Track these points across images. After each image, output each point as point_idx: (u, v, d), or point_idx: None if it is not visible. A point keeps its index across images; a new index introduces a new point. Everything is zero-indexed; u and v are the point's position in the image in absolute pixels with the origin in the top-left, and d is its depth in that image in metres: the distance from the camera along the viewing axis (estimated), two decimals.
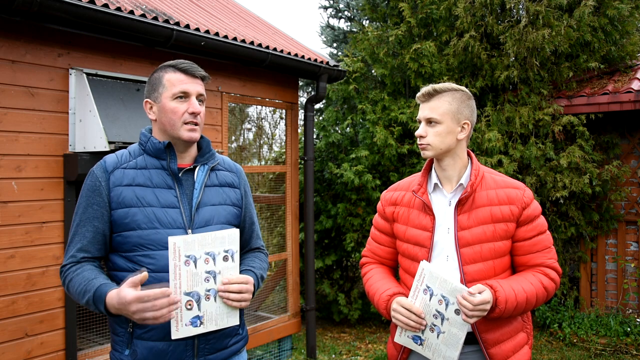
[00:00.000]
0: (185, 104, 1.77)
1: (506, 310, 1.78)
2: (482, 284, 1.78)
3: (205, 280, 1.67)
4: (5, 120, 3.13)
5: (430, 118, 1.90)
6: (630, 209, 5.88)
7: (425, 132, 1.91)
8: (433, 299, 1.76)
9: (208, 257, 1.67)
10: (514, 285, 1.82)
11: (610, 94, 5.48)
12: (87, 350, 3.56)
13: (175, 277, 1.63)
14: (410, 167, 5.98)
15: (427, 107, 1.92)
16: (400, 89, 6.43)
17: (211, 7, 5.11)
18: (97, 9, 3.20)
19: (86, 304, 1.66)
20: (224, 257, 1.70)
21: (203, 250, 1.66)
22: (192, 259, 1.65)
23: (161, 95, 1.78)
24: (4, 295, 3.11)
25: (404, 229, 1.99)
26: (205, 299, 1.68)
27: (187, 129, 1.76)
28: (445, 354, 1.79)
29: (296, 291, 5.22)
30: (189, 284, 1.65)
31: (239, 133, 5.56)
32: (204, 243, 1.67)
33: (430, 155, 1.93)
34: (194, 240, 1.65)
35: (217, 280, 1.69)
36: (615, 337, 5.35)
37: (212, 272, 1.69)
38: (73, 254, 1.73)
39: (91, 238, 1.72)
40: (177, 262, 1.63)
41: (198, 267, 1.66)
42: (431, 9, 6.09)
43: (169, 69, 1.80)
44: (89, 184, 1.76)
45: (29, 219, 3.22)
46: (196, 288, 1.66)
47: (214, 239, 1.69)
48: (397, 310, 1.83)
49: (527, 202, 1.91)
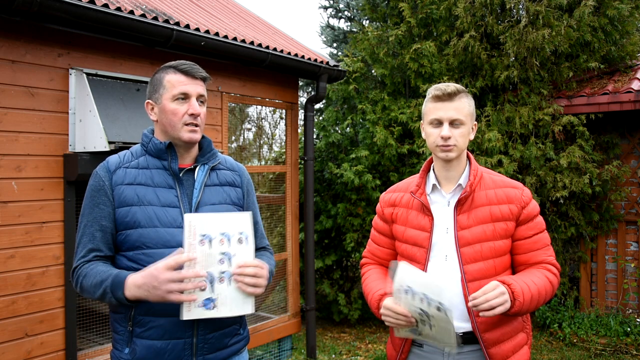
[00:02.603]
0: (186, 105, 1.77)
1: (524, 303, 1.76)
2: (494, 280, 1.77)
3: (220, 262, 1.63)
4: (5, 120, 3.13)
5: (456, 119, 1.86)
6: (630, 209, 5.88)
7: (451, 133, 1.86)
8: (415, 298, 1.75)
9: (223, 237, 1.64)
10: (525, 280, 1.82)
11: (610, 94, 5.48)
12: (87, 350, 3.57)
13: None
14: (410, 167, 5.98)
15: (451, 107, 1.86)
16: (400, 89, 6.43)
17: (211, 7, 5.11)
18: (97, 9, 3.21)
19: (102, 294, 1.65)
20: (239, 239, 1.66)
21: (218, 231, 1.63)
22: (207, 239, 1.62)
23: (162, 97, 1.79)
24: (4, 295, 3.11)
25: (403, 229, 1.99)
26: (220, 281, 1.63)
27: (187, 130, 1.77)
28: (442, 340, 1.80)
29: (296, 291, 5.22)
30: (203, 264, 1.61)
31: (239, 133, 5.56)
32: (220, 223, 1.64)
33: (454, 157, 1.90)
34: (210, 219, 1.63)
35: (232, 263, 1.65)
36: (615, 337, 5.35)
37: (227, 254, 1.64)
38: (84, 254, 1.73)
39: (101, 237, 1.73)
40: (192, 240, 1.59)
41: (213, 247, 1.62)
42: (431, 9, 6.09)
43: (169, 70, 1.81)
44: (93, 184, 1.77)
45: (29, 219, 3.23)
46: (210, 269, 1.62)
47: (228, 219, 1.66)
48: (385, 313, 1.83)
49: (526, 201, 1.92)
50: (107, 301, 1.68)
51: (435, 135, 1.89)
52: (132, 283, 1.60)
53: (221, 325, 1.79)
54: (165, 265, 1.56)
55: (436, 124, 1.89)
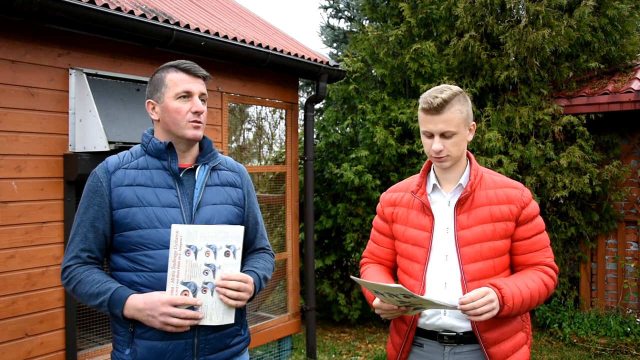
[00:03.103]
0: (189, 104, 1.78)
1: (514, 307, 1.78)
2: (485, 285, 1.79)
3: (204, 273, 1.68)
4: (5, 120, 3.13)
5: (446, 132, 1.83)
6: (630, 209, 5.88)
7: (443, 145, 1.85)
8: (199, 254, 1.73)
9: (209, 249, 1.68)
10: (517, 283, 1.83)
11: (610, 94, 5.48)
12: (87, 350, 3.57)
13: (174, 265, 1.64)
14: (410, 167, 5.98)
15: (439, 120, 1.82)
16: (400, 89, 6.43)
17: (211, 7, 5.11)
18: (97, 9, 3.21)
19: (98, 305, 1.68)
20: (226, 252, 1.70)
21: (205, 242, 1.67)
22: (193, 250, 1.66)
23: (164, 95, 1.79)
24: (4, 295, 3.11)
25: (403, 229, 1.99)
26: (202, 291, 1.68)
27: (191, 127, 1.78)
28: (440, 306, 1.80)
29: (296, 291, 5.22)
30: (187, 274, 1.66)
31: (239, 133, 5.56)
32: (207, 235, 1.68)
33: (449, 166, 1.90)
34: (197, 231, 1.66)
35: (216, 275, 1.69)
36: (615, 337, 5.35)
37: (211, 266, 1.69)
38: (77, 254, 1.74)
39: (93, 239, 1.74)
40: (178, 250, 1.64)
41: (198, 259, 1.67)
42: (431, 9, 6.09)
43: (170, 69, 1.81)
44: (90, 184, 1.77)
45: (29, 219, 3.23)
46: (194, 279, 1.67)
47: (217, 232, 1.69)
48: (377, 312, 1.89)
49: (526, 202, 1.92)
50: (100, 311, 1.71)
51: (428, 146, 1.89)
52: (133, 305, 1.64)
53: (222, 326, 1.79)
54: (169, 300, 1.63)
55: (428, 135, 1.89)
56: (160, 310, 1.61)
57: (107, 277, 1.72)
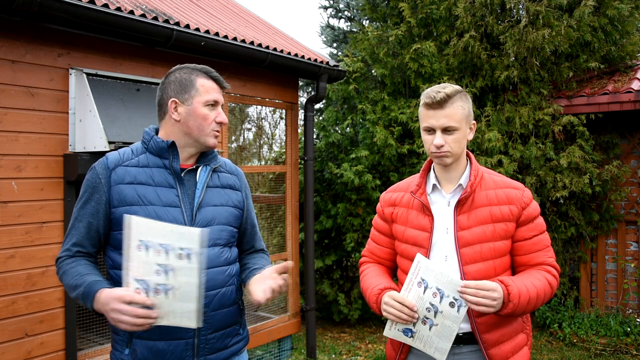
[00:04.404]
0: (214, 112, 1.81)
1: (519, 305, 1.75)
2: (493, 280, 1.77)
3: (156, 273, 1.58)
4: (5, 120, 3.13)
5: (448, 127, 1.84)
6: (630, 209, 5.88)
7: (444, 141, 1.85)
8: (427, 291, 1.74)
9: (161, 249, 1.58)
10: (524, 281, 1.82)
11: (610, 94, 5.48)
12: (87, 350, 3.57)
13: (126, 259, 1.57)
14: (410, 167, 5.98)
15: (442, 115, 1.83)
16: (400, 89, 6.43)
17: (211, 7, 5.11)
18: (97, 9, 3.21)
19: (77, 297, 1.69)
20: (179, 254, 1.60)
21: (157, 241, 1.58)
22: (144, 245, 1.57)
23: (193, 99, 1.78)
24: (4, 295, 3.11)
25: (403, 229, 1.99)
26: (155, 292, 1.59)
27: (212, 135, 1.81)
28: (438, 346, 1.78)
29: (296, 291, 5.22)
30: (139, 271, 1.57)
31: (239, 133, 5.56)
32: (159, 233, 1.58)
33: (450, 163, 1.90)
34: (150, 227, 1.58)
35: (170, 278, 1.60)
36: (615, 337, 5.35)
37: (163, 266, 1.59)
38: (68, 247, 1.76)
39: (85, 234, 1.75)
40: (129, 242, 1.56)
41: (150, 256, 1.58)
42: (431, 9, 6.09)
43: (200, 74, 1.81)
44: (89, 179, 1.77)
45: (29, 219, 3.23)
46: (146, 277, 1.58)
47: (170, 231, 1.60)
48: (389, 304, 1.80)
49: (526, 202, 1.91)
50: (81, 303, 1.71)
51: (429, 142, 1.89)
52: (98, 299, 1.61)
53: (222, 326, 1.80)
54: (119, 297, 1.55)
55: (429, 131, 1.89)
56: (111, 305, 1.55)
57: (89, 270, 1.70)
